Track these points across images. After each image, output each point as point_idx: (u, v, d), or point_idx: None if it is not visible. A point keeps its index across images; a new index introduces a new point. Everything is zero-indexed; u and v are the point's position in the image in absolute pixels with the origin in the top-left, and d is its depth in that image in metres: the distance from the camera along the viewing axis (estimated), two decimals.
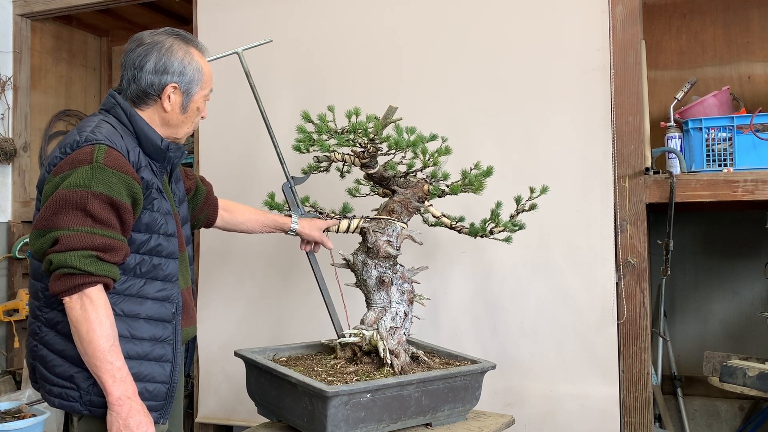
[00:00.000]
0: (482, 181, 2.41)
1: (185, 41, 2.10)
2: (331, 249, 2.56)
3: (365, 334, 2.37)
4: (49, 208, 1.85)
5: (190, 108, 2.12)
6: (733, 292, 3.85)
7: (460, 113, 3.21)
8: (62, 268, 1.81)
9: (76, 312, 1.82)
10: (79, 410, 1.93)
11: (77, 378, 1.91)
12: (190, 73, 2.07)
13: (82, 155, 1.87)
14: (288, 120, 2.72)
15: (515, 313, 3.10)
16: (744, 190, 2.83)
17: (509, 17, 3.18)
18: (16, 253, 4.37)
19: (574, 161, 3.04)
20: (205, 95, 2.15)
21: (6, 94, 4.44)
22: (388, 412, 2.18)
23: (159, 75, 2.03)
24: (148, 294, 1.99)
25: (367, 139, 2.40)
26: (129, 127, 2.04)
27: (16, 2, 4.47)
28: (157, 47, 2.04)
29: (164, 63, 2.03)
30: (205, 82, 2.12)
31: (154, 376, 1.99)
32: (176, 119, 2.11)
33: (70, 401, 1.93)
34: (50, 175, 1.91)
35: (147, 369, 1.98)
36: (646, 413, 2.94)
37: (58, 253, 1.81)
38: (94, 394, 1.91)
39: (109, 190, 1.86)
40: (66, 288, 1.81)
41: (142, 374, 1.96)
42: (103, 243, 1.84)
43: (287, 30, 3.56)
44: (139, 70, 2.03)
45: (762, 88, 3.59)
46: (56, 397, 1.95)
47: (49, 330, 1.96)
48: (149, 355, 1.99)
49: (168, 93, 2.05)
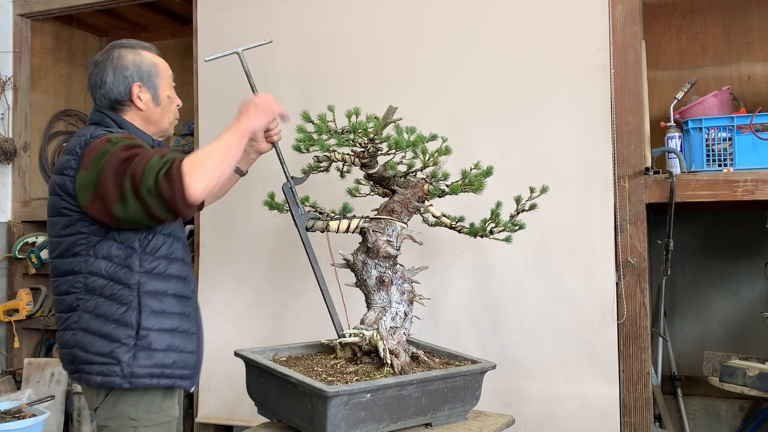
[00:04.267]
0: (482, 181, 2.41)
1: (130, 47, 2.29)
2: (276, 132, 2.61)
3: (365, 334, 2.37)
4: (108, 183, 1.97)
5: (161, 98, 2.30)
6: (733, 292, 3.85)
7: (460, 113, 3.21)
8: (158, 175, 1.90)
9: (199, 174, 1.93)
10: (119, 384, 2.08)
11: (117, 352, 2.07)
12: (146, 68, 2.26)
13: (97, 143, 2.06)
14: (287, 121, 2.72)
15: (515, 313, 3.10)
16: (744, 190, 2.83)
17: (509, 17, 3.18)
18: (16, 253, 4.37)
19: (574, 161, 3.04)
20: (169, 82, 2.34)
21: (6, 94, 4.45)
22: (388, 412, 2.18)
23: (120, 81, 2.22)
24: (173, 273, 2.19)
25: (367, 139, 2.40)
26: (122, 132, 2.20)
27: (16, 2, 4.47)
28: (109, 61, 2.24)
29: (120, 69, 2.23)
30: (162, 71, 2.32)
31: (185, 347, 2.19)
32: (155, 114, 2.30)
33: (111, 376, 2.08)
34: (77, 173, 2.06)
35: (179, 341, 2.17)
36: (646, 413, 2.94)
37: (142, 176, 1.92)
38: (134, 366, 2.08)
39: (132, 141, 2.07)
40: (177, 182, 1.90)
41: (176, 346, 2.16)
42: (154, 151, 2.02)
43: (287, 30, 3.57)
44: (102, 87, 2.23)
45: (762, 88, 3.59)
46: (97, 374, 2.08)
47: (89, 315, 2.10)
48: (179, 329, 2.18)
49: (136, 93, 2.24)
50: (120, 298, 2.09)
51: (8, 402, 3.65)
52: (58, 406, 3.94)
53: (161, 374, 2.12)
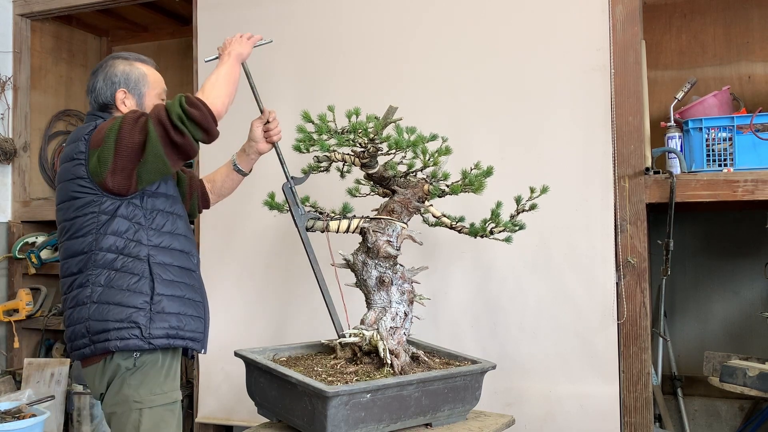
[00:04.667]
0: (482, 181, 2.41)
1: (125, 58, 2.43)
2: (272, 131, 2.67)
3: (365, 334, 2.37)
4: (127, 146, 2.15)
5: (146, 106, 2.39)
6: (733, 292, 3.85)
7: (461, 113, 3.21)
8: (182, 107, 2.13)
9: (215, 95, 2.22)
10: (140, 346, 2.21)
11: (135, 316, 2.20)
12: (134, 77, 2.39)
13: (105, 123, 2.22)
14: (288, 120, 2.72)
15: (515, 313, 3.10)
16: (744, 190, 2.83)
17: (509, 17, 3.18)
18: (16, 253, 4.37)
19: (575, 161, 3.04)
20: (158, 94, 2.44)
21: (6, 94, 4.44)
22: (388, 412, 2.18)
23: (108, 87, 2.36)
24: (176, 247, 2.34)
25: (367, 139, 2.40)
26: None
27: (16, 2, 4.47)
28: (102, 69, 2.39)
29: (109, 76, 2.37)
30: (152, 82, 2.43)
31: (193, 313, 2.33)
32: None
33: (132, 339, 2.20)
34: (89, 153, 2.21)
35: (189, 308, 2.32)
36: (646, 413, 2.94)
37: (167, 110, 2.14)
38: (152, 328, 2.21)
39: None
40: (201, 105, 2.15)
41: (185, 311, 2.30)
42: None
43: (287, 30, 3.56)
44: (93, 92, 2.39)
45: (762, 88, 3.59)
46: (116, 339, 2.19)
47: (102, 288, 2.22)
48: (186, 296, 2.32)
49: (120, 99, 2.36)
50: (132, 269, 2.23)
51: (8, 402, 3.64)
52: (58, 406, 3.94)
53: (176, 335, 2.26)
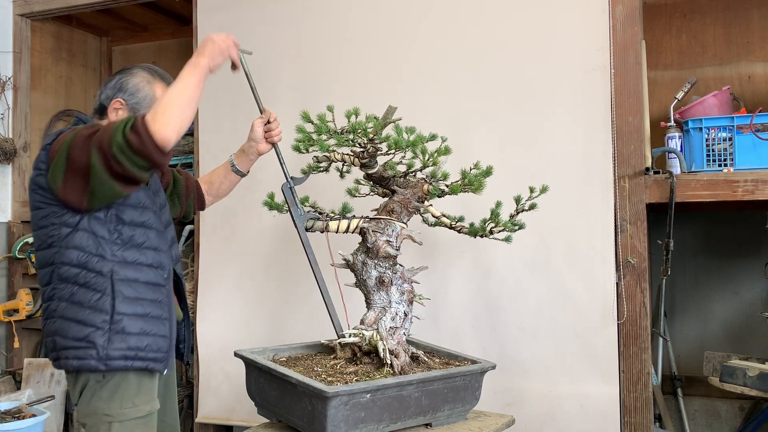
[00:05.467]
0: (482, 180, 2.41)
1: (152, 74, 2.35)
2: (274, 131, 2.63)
3: (365, 334, 2.37)
4: (74, 162, 2.05)
5: None
6: (734, 292, 3.85)
7: (460, 113, 3.21)
8: (125, 132, 1.96)
9: (163, 120, 1.97)
10: (95, 366, 2.13)
11: (92, 336, 2.12)
12: (141, 95, 2.29)
13: (65, 134, 2.13)
14: (287, 120, 2.72)
15: (515, 313, 3.10)
16: (744, 190, 2.83)
17: (509, 17, 3.18)
18: (16, 253, 4.37)
19: (574, 161, 3.03)
20: None
21: (6, 94, 4.44)
22: (388, 413, 2.18)
23: (114, 91, 2.30)
24: (144, 262, 2.22)
25: (366, 139, 2.40)
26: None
27: (16, 2, 4.47)
28: (125, 72, 2.34)
29: (122, 82, 2.30)
30: None
31: (157, 331, 2.22)
32: None
33: (87, 359, 2.12)
34: (49, 165, 2.13)
35: (152, 326, 2.21)
36: (646, 413, 2.94)
37: (110, 137, 1.98)
38: (109, 349, 2.12)
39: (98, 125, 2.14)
40: (145, 132, 1.95)
41: (148, 329, 2.20)
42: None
43: (287, 29, 3.57)
44: (104, 87, 2.33)
45: (762, 88, 3.59)
46: (73, 359, 2.13)
47: (65, 303, 2.15)
48: (151, 314, 2.22)
49: (114, 107, 2.28)
50: (94, 286, 2.14)
51: (8, 402, 3.65)
52: (58, 406, 3.94)
53: (135, 356, 2.16)
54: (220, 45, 2.22)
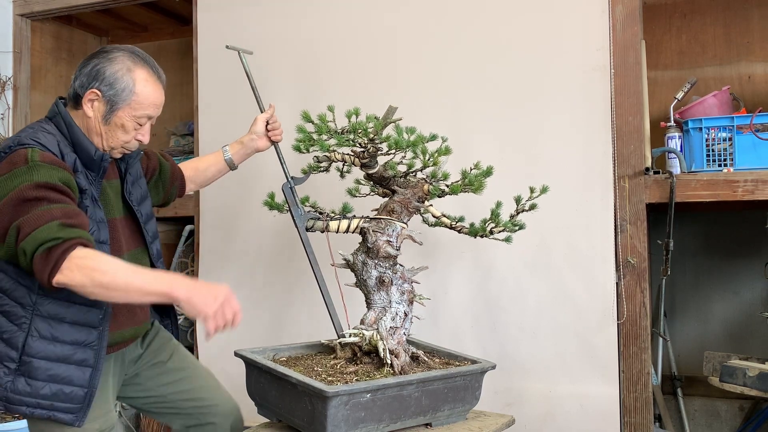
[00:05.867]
0: (482, 181, 2.41)
1: (134, 60, 2.12)
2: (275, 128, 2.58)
3: (365, 334, 2.37)
4: (1, 214, 1.88)
5: (112, 121, 2.11)
6: (733, 292, 3.85)
7: (461, 113, 3.21)
8: (37, 250, 1.80)
9: (78, 277, 1.80)
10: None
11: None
12: (119, 86, 2.08)
13: (17, 158, 1.91)
14: (288, 119, 2.72)
15: (515, 313, 3.10)
16: (744, 190, 2.83)
17: (509, 17, 3.18)
18: None
19: (574, 161, 3.03)
20: (136, 116, 2.13)
21: (6, 94, 4.44)
22: (388, 412, 2.18)
23: (90, 79, 2.08)
24: (76, 299, 1.99)
25: (366, 139, 2.40)
26: (67, 136, 2.08)
27: (16, 2, 4.47)
28: (103, 56, 2.10)
29: (99, 69, 2.08)
30: (136, 102, 2.11)
31: (72, 379, 2.02)
32: (97, 128, 2.12)
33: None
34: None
35: (65, 371, 2.01)
36: (646, 413, 2.94)
37: (25, 238, 1.82)
38: (10, 391, 1.97)
39: (50, 178, 1.89)
40: (51, 266, 1.79)
41: (60, 376, 2.00)
42: (61, 212, 1.86)
43: (287, 29, 3.57)
44: (79, 71, 2.11)
45: (762, 88, 3.59)
46: None
47: None
48: (69, 359, 2.02)
49: (89, 98, 2.08)
50: (12, 317, 1.98)
51: None
52: None
53: (37, 405, 1.98)
54: (211, 302, 1.88)
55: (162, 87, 2.19)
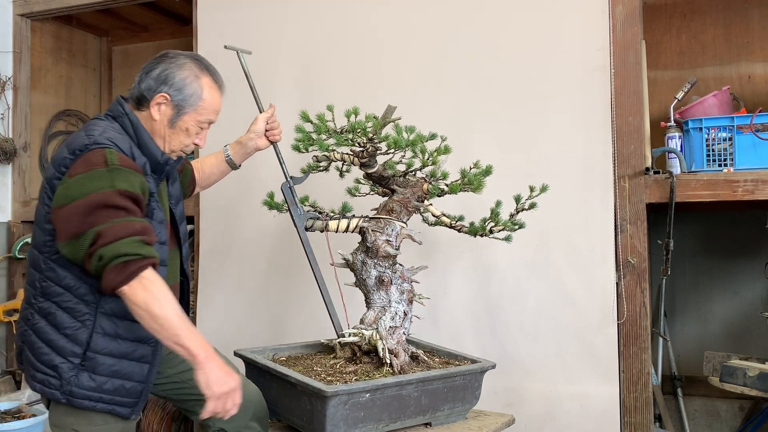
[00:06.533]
0: (481, 180, 2.41)
1: (200, 68, 2.18)
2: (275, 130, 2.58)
3: (364, 334, 2.37)
4: (78, 214, 1.90)
5: (178, 125, 2.16)
6: (733, 292, 3.85)
7: (461, 112, 3.21)
8: (116, 259, 1.85)
9: (141, 295, 1.87)
10: (58, 398, 2.02)
11: (61, 368, 2.00)
12: (188, 92, 2.13)
13: (96, 158, 1.94)
14: (287, 119, 2.72)
15: (515, 313, 3.10)
16: (744, 190, 2.83)
17: (509, 17, 3.18)
18: (16, 253, 4.37)
19: (574, 161, 3.03)
20: (200, 121, 2.18)
21: (6, 94, 4.44)
22: (387, 412, 2.18)
23: (158, 83, 2.12)
24: None
25: (365, 138, 2.40)
26: (134, 138, 2.11)
27: (16, 2, 4.47)
28: (170, 61, 2.16)
29: (167, 74, 2.12)
30: (202, 108, 2.16)
31: (132, 375, 2.08)
32: (162, 131, 2.16)
33: (51, 389, 2.02)
34: (64, 177, 1.95)
35: (127, 367, 2.07)
36: (646, 413, 2.94)
37: (106, 245, 1.86)
38: (74, 385, 2.00)
39: (130, 186, 1.95)
40: (124, 277, 1.86)
41: (122, 372, 2.06)
42: (141, 227, 1.93)
43: (287, 29, 3.57)
44: (145, 74, 2.14)
45: (762, 88, 3.59)
46: (39, 382, 2.04)
47: (41, 318, 2.03)
48: (130, 355, 2.07)
49: (158, 101, 2.12)
50: (75, 313, 2.01)
51: (8, 402, 3.64)
52: None
53: (99, 399, 2.03)
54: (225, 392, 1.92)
55: (222, 94, 2.24)
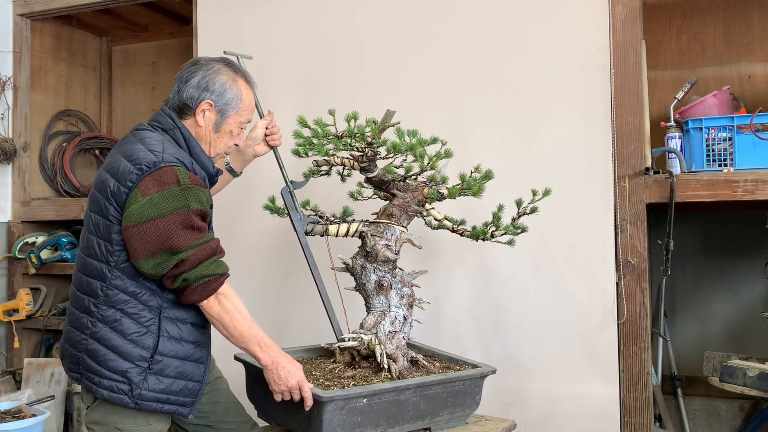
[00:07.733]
0: (481, 185, 2.41)
1: (234, 70, 2.28)
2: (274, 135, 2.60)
3: (363, 338, 2.37)
4: (157, 234, 2.00)
5: (222, 129, 2.26)
6: (733, 292, 3.85)
7: (461, 114, 3.20)
8: (199, 280, 2.04)
9: (216, 309, 2.09)
10: (126, 403, 2.08)
11: (131, 373, 2.07)
12: (229, 96, 2.23)
13: (168, 177, 2.03)
14: (287, 123, 2.71)
15: (516, 314, 3.10)
16: (744, 190, 2.82)
17: (509, 17, 3.17)
18: (16, 253, 4.37)
19: (575, 161, 3.03)
20: (241, 122, 2.30)
21: (6, 94, 4.44)
22: (385, 417, 2.18)
23: (200, 90, 2.21)
24: None
25: (365, 143, 2.39)
26: (186, 151, 2.19)
27: (16, 2, 4.47)
28: (206, 67, 2.23)
29: (207, 81, 2.21)
30: (242, 109, 2.27)
31: (194, 375, 2.18)
32: (208, 136, 2.26)
33: (120, 394, 2.08)
34: (134, 193, 2.02)
35: (190, 369, 2.17)
36: (646, 413, 2.94)
37: (191, 269, 2.03)
38: (143, 389, 2.08)
39: (201, 204, 2.08)
40: (205, 295, 2.07)
41: (186, 373, 2.16)
42: (215, 245, 2.11)
43: (287, 30, 3.56)
44: (184, 84, 2.22)
45: (762, 88, 3.58)
46: (105, 389, 2.08)
47: (105, 326, 2.09)
48: (191, 357, 2.18)
49: (203, 108, 2.21)
50: (140, 319, 2.09)
51: (8, 402, 3.65)
52: (58, 406, 3.94)
53: (167, 400, 2.12)
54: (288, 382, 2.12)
55: (254, 92, 2.36)
